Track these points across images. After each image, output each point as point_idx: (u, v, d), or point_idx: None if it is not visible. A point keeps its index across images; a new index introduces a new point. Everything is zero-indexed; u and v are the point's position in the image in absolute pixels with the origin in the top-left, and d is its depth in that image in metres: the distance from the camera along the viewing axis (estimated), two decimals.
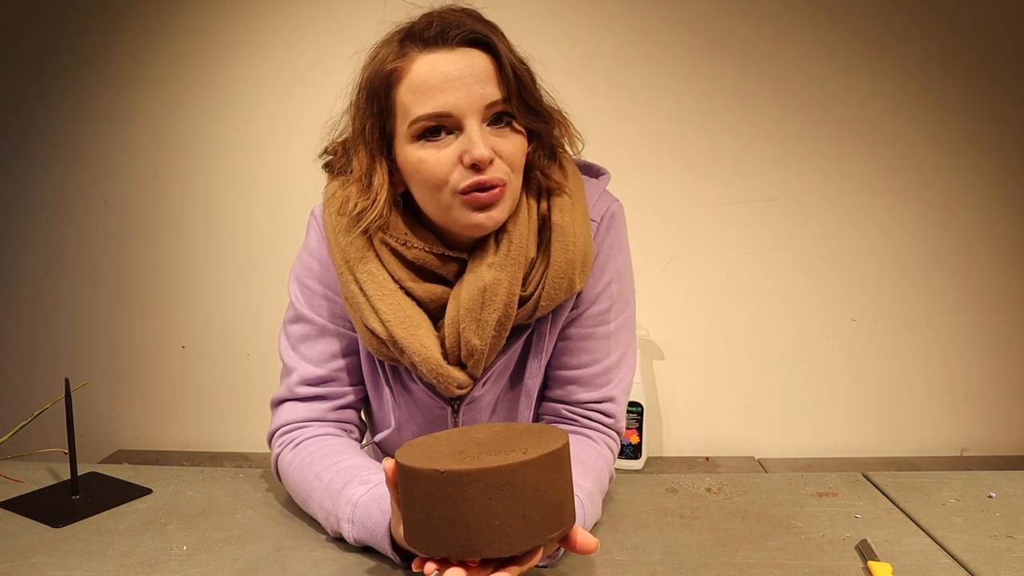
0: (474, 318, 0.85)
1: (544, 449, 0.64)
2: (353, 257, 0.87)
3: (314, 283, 0.93)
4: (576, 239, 0.87)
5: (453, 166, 0.80)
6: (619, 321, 0.95)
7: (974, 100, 2.12)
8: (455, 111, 0.79)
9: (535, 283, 0.87)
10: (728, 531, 0.86)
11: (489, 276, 0.85)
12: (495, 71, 0.80)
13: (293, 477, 0.89)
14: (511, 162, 0.82)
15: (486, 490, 0.61)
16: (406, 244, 0.86)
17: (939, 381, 2.22)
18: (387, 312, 0.86)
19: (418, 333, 0.86)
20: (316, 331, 0.94)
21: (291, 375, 0.94)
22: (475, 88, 0.79)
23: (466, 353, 0.88)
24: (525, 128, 0.83)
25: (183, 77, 2.20)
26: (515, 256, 0.85)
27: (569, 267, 0.86)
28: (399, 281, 0.87)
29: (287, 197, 2.16)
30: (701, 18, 2.11)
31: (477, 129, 0.79)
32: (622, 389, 0.96)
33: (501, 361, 0.92)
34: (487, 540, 0.62)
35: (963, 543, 0.82)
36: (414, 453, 0.67)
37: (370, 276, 0.86)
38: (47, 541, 0.83)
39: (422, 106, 0.79)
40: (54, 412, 1.05)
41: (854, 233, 2.17)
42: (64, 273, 2.29)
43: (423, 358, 0.86)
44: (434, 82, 0.79)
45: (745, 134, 2.14)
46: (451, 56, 0.79)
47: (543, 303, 0.87)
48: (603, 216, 0.92)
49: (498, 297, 0.85)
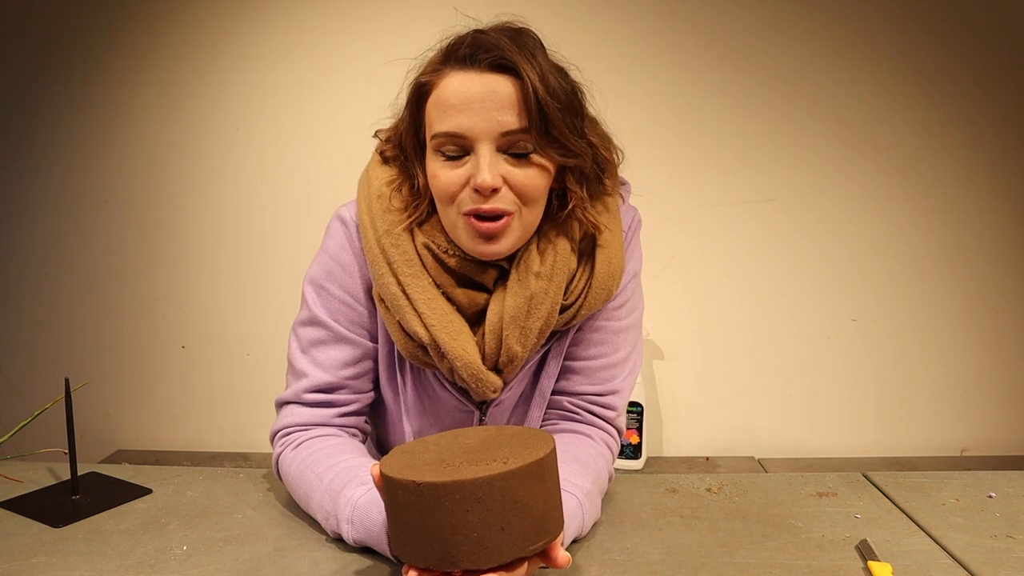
0: (519, 325, 0.87)
1: (525, 459, 0.63)
2: (398, 259, 0.87)
3: (334, 287, 0.92)
4: (616, 252, 0.90)
5: (462, 187, 0.81)
6: (630, 320, 0.97)
7: (974, 100, 2.12)
8: (469, 134, 0.79)
9: (577, 293, 0.89)
10: (728, 531, 0.86)
11: (536, 285, 0.86)
12: (520, 99, 0.79)
13: (294, 477, 0.89)
14: (522, 193, 0.81)
15: (463, 502, 0.61)
16: (448, 252, 0.87)
17: (939, 381, 2.22)
18: (431, 316, 0.86)
19: (460, 338, 0.87)
20: (331, 337, 0.92)
21: (300, 380, 0.93)
22: (492, 114, 0.79)
23: (506, 359, 0.89)
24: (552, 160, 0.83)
25: (183, 77, 2.19)
26: (560, 267, 0.87)
27: (611, 278, 0.90)
28: (441, 286, 0.88)
29: (287, 197, 2.16)
30: (701, 18, 2.11)
31: (487, 155, 0.79)
32: (626, 386, 0.97)
33: (529, 364, 0.94)
34: (465, 552, 0.62)
35: (963, 543, 0.82)
36: (398, 461, 0.66)
37: (414, 279, 0.87)
38: (47, 541, 0.83)
39: (441, 123, 0.81)
40: (54, 412, 1.05)
41: (854, 233, 2.17)
42: (64, 273, 2.29)
43: (464, 363, 0.87)
44: (455, 101, 0.80)
45: (745, 134, 2.14)
46: (477, 79, 0.79)
47: (583, 311, 0.90)
48: (630, 226, 0.95)
49: (543, 306, 0.86)
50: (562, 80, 0.83)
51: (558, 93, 0.80)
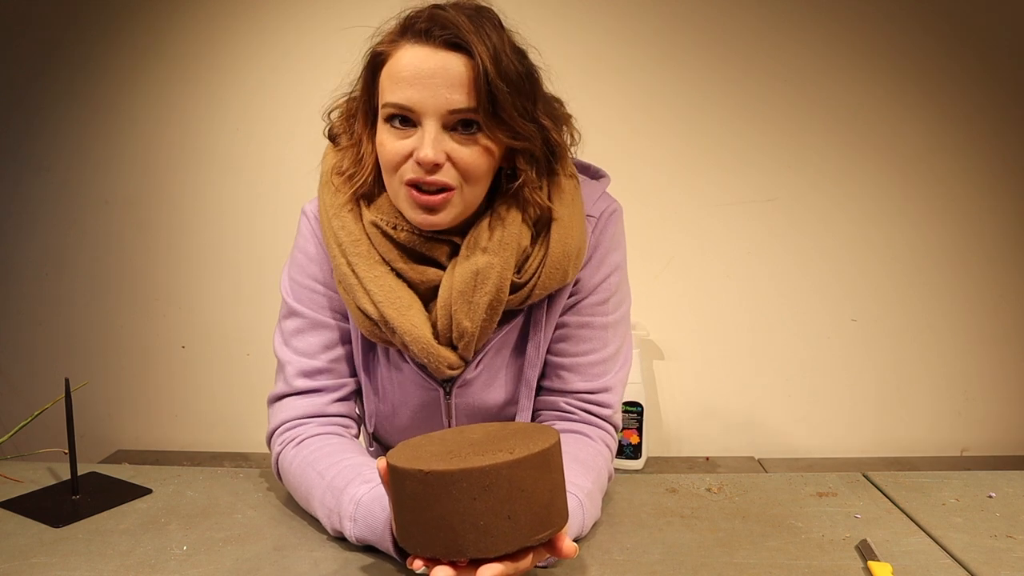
0: (466, 300, 0.87)
1: (531, 449, 0.64)
2: (345, 240, 0.89)
3: (303, 277, 0.95)
4: (574, 232, 0.89)
5: (405, 158, 0.82)
6: (617, 315, 0.97)
7: (975, 100, 2.12)
8: (417, 107, 0.80)
9: (531, 271, 0.89)
10: (728, 531, 0.86)
11: (482, 260, 0.86)
12: (471, 79, 0.80)
13: (295, 475, 0.89)
14: (465, 170, 0.82)
15: (470, 490, 0.61)
16: (396, 227, 0.88)
17: (939, 381, 2.22)
18: (378, 293, 0.88)
19: (408, 314, 0.88)
20: (308, 324, 0.95)
21: (286, 369, 0.95)
22: (441, 91, 0.79)
23: (457, 335, 0.89)
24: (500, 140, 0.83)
25: (183, 77, 2.19)
26: (508, 241, 0.87)
27: (566, 259, 0.89)
28: (390, 263, 0.89)
29: (287, 197, 2.14)
30: (701, 18, 2.11)
31: (432, 131, 0.80)
32: (618, 381, 0.97)
33: (492, 344, 0.94)
34: (472, 541, 0.62)
35: (963, 543, 0.82)
36: (405, 453, 0.67)
37: (361, 258, 0.88)
38: (47, 541, 0.83)
39: (391, 94, 0.82)
40: (54, 412, 1.05)
41: (854, 233, 2.17)
42: (64, 273, 2.29)
43: (413, 338, 0.88)
44: (406, 74, 0.80)
45: (745, 134, 2.14)
46: (430, 55, 0.80)
47: (537, 291, 0.90)
48: (603, 212, 0.94)
49: (490, 281, 0.87)
50: (517, 62, 0.83)
51: (509, 75, 0.81)
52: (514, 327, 0.94)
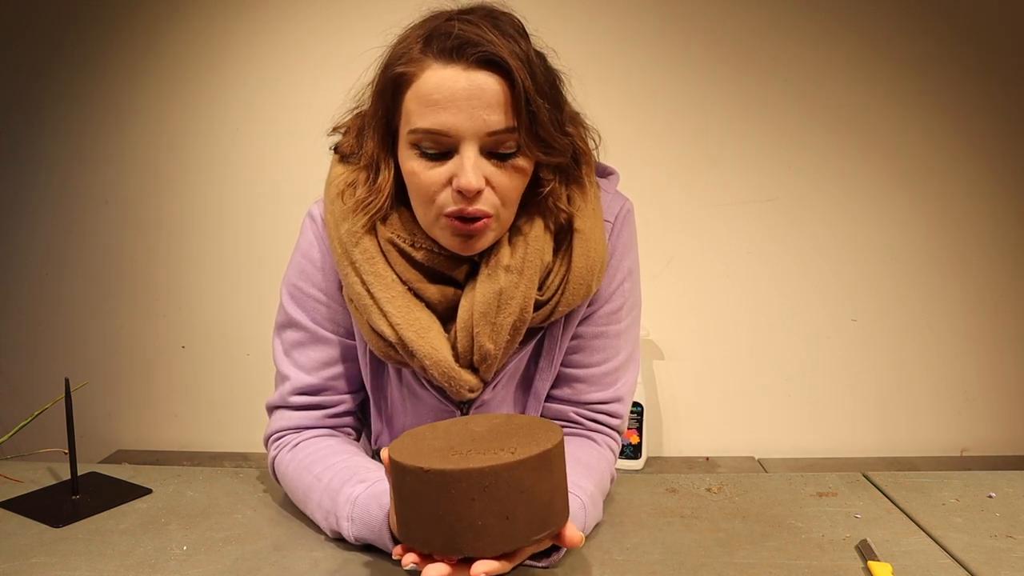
0: (489, 322, 0.83)
1: (533, 450, 0.63)
2: (359, 258, 0.84)
3: (307, 286, 0.91)
4: (596, 244, 0.86)
5: (442, 187, 0.78)
6: (629, 320, 0.94)
7: (975, 100, 2.11)
8: (454, 132, 0.76)
9: (554, 288, 0.86)
10: (728, 531, 0.86)
11: (505, 279, 0.83)
12: (507, 98, 0.76)
13: (291, 478, 0.88)
14: (503, 195, 0.79)
15: (469, 491, 0.61)
16: (414, 245, 0.84)
17: (939, 381, 2.22)
18: (396, 315, 0.83)
19: (428, 336, 0.84)
20: (308, 337, 0.92)
21: (284, 383, 0.92)
22: (479, 113, 0.75)
23: (479, 357, 0.86)
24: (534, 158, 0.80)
25: (183, 77, 2.19)
26: (532, 259, 0.83)
27: (589, 272, 0.86)
28: (407, 283, 0.84)
29: (287, 197, 2.15)
30: (701, 18, 2.11)
31: (472, 156, 0.76)
32: (628, 388, 0.96)
33: (512, 364, 0.91)
34: (468, 539, 0.62)
35: (963, 543, 0.82)
36: (407, 447, 0.67)
37: (378, 278, 0.84)
38: (47, 541, 0.83)
39: (422, 119, 0.76)
40: (54, 412, 1.06)
41: (854, 233, 2.17)
42: (64, 273, 2.29)
43: (434, 361, 0.84)
44: (439, 97, 0.75)
45: (745, 134, 2.14)
46: (462, 75, 0.75)
47: (560, 308, 0.86)
48: (617, 215, 0.92)
49: (514, 301, 0.83)
50: (546, 72, 0.79)
51: (544, 89, 0.77)
52: (534, 344, 0.91)
